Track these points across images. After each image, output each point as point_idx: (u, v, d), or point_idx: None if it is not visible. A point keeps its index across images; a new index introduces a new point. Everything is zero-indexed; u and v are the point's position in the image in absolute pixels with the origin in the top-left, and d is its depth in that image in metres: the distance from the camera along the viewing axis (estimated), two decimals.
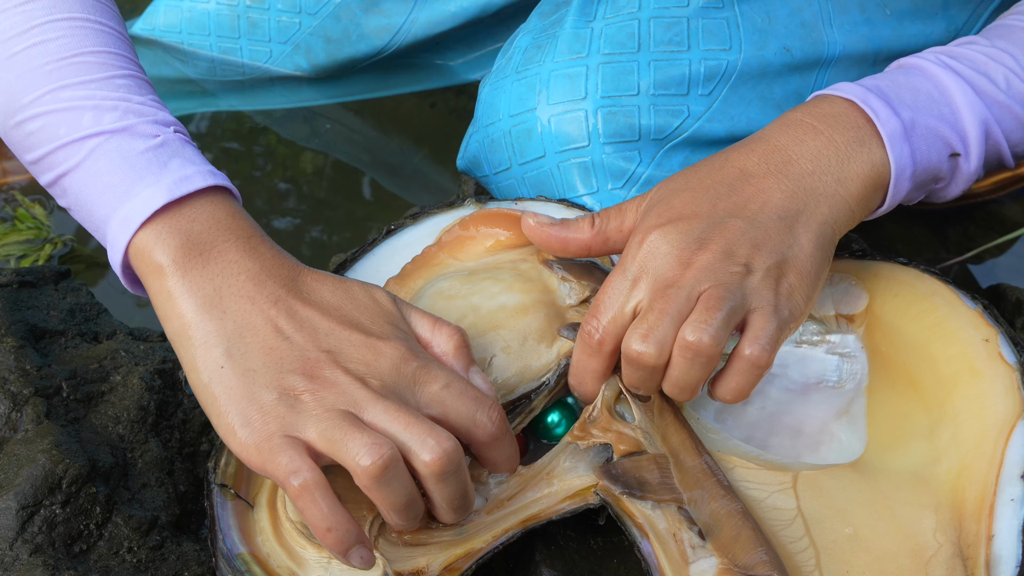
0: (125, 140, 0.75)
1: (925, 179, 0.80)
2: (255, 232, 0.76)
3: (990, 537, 0.74)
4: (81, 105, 0.76)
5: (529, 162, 0.92)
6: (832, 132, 0.78)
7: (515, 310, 0.82)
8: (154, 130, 0.76)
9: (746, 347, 0.73)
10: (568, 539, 0.80)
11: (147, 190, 0.74)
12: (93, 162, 0.75)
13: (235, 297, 0.73)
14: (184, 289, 0.73)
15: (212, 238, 0.74)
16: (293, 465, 0.68)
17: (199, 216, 0.74)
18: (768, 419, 0.84)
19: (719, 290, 0.73)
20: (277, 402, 0.70)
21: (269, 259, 0.75)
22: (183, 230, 0.74)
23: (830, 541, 0.75)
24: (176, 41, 1.21)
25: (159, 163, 0.75)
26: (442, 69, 1.22)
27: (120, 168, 0.75)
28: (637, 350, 0.73)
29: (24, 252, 1.19)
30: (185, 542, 0.82)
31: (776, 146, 0.78)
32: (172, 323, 0.74)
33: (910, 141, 0.78)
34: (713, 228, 0.75)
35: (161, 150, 0.76)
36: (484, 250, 0.88)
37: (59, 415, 0.83)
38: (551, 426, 0.81)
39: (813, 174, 0.77)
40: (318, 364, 0.71)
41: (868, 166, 0.78)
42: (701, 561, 0.73)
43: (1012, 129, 0.81)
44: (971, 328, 0.82)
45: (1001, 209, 1.31)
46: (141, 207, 0.74)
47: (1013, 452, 0.77)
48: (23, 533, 0.77)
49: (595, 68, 0.90)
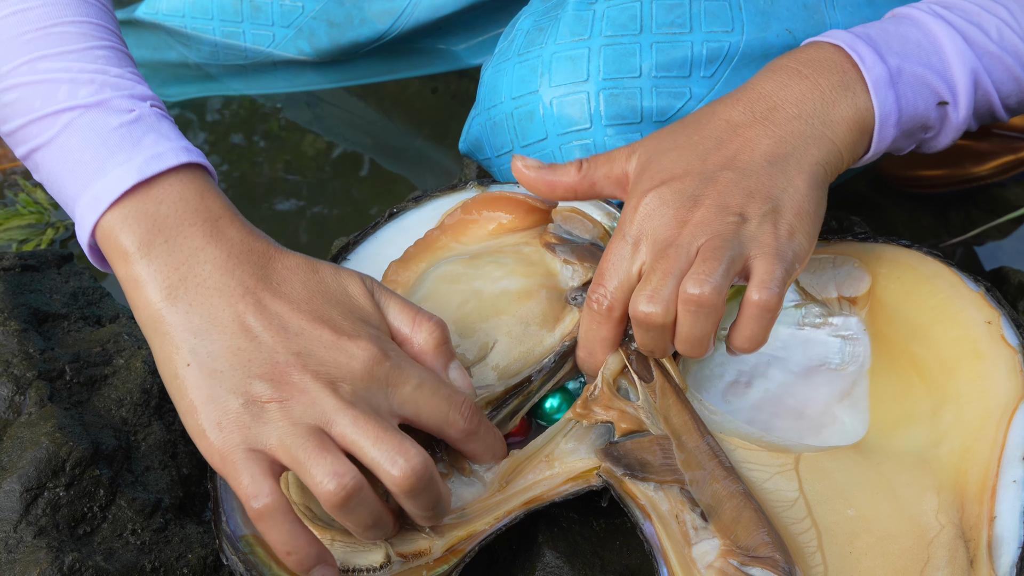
0: (100, 115, 0.73)
1: (912, 127, 0.80)
2: (224, 212, 0.74)
3: (992, 518, 0.74)
4: (57, 77, 0.74)
5: (531, 144, 0.92)
6: (817, 76, 0.78)
7: (518, 294, 0.82)
8: (129, 104, 0.74)
9: (753, 293, 0.73)
10: (571, 521, 0.80)
11: (117, 169, 0.72)
12: (66, 138, 0.73)
13: (201, 288, 0.71)
14: (150, 277, 0.71)
15: (178, 222, 0.72)
16: (254, 488, 0.67)
17: (167, 197, 0.72)
18: (771, 401, 0.84)
19: (716, 241, 0.73)
20: (242, 409, 0.69)
21: (237, 244, 0.73)
22: (149, 213, 0.72)
23: (832, 522, 0.75)
24: (179, 25, 1.21)
25: (132, 140, 0.73)
26: (444, 54, 1.21)
27: (92, 145, 0.73)
28: (644, 311, 0.74)
29: (26, 236, 1.19)
30: (188, 524, 0.82)
31: (760, 94, 0.78)
32: (140, 311, 0.72)
33: (895, 88, 0.78)
34: (705, 183, 0.76)
35: (135, 125, 0.73)
36: (487, 233, 0.88)
37: (62, 398, 0.83)
38: (550, 411, 0.81)
39: (799, 118, 0.77)
40: (287, 369, 0.70)
41: (853, 110, 0.78)
42: (703, 542, 0.73)
43: (1003, 80, 0.81)
44: (973, 310, 0.82)
45: (1004, 192, 1.31)
46: (110, 187, 0.72)
47: (1015, 434, 0.77)
48: (27, 515, 0.77)
49: (597, 50, 0.90)
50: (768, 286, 0.73)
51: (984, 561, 0.72)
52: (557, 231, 0.84)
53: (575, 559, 0.78)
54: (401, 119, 1.37)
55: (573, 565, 0.78)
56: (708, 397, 0.83)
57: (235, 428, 0.68)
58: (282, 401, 0.69)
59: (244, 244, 0.73)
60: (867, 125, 0.78)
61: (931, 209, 1.30)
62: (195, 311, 0.71)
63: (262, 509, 0.68)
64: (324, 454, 0.68)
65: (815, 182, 0.76)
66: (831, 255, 0.87)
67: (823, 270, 0.87)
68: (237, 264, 0.72)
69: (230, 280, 0.71)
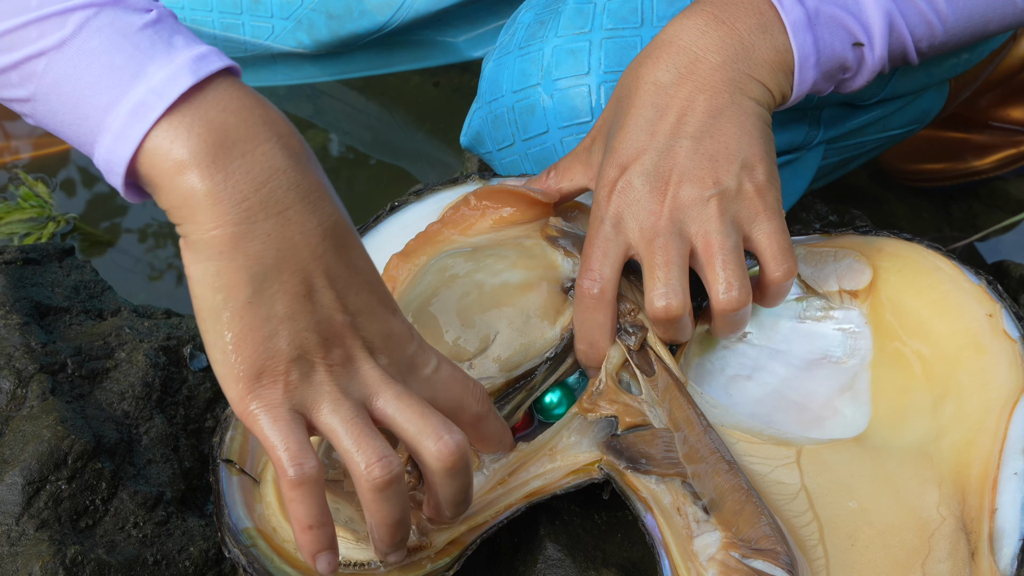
0: (118, 14, 0.64)
1: (831, 68, 0.80)
2: (291, 130, 0.66)
3: (993, 510, 0.74)
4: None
5: (532, 138, 0.92)
6: (734, 20, 0.78)
7: (518, 287, 0.82)
8: (146, 3, 0.65)
9: (774, 270, 0.77)
10: (572, 514, 0.81)
11: (161, 71, 0.63)
12: (84, 40, 0.63)
13: (283, 219, 0.64)
14: (226, 195, 0.63)
15: (253, 134, 0.63)
16: (300, 455, 0.64)
17: (230, 105, 0.63)
18: (772, 395, 0.84)
19: (715, 237, 0.75)
20: (293, 364, 0.65)
21: (315, 176, 0.66)
22: (217, 123, 0.63)
23: (834, 515, 0.75)
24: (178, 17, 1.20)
25: (164, 41, 0.64)
26: (445, 46, 1.21)
27: (121, 47, 0.63)
28: (663, 306, 0.75)
29: (28, 230, 1.19)
30: (190, 517, 0.82)
31: (680, 47, 0.78)
32: (202, 229, 0.63)
33: (813, 30, 0.78)
34: (663, 157, 0.76)
35: (160, 26, 0.65)
36: (488, 226, 0.88)
37: (64, 391, 0.83)
38: (550, 406, 0.82)
39: (724, 66, 0.77)
40: (342, 330, 0.66)
41: (773, 51, 0.78)
42: (705, 535, 0.73)
43: (916, 24, 0.81)
44: (974, 303, 0.82)
45: (1005, 186, 1.31)
46: (161, 90, 0.62)
47: (1016, 427, 0.77)
48: (29, 508, 0.77)
49: (598, 43, 0.90)
50: (784, 259, 0.76)
51: (985, 553, 0.72)
52: (558, 224, 0.84)
53: (577, 552, 0.78)
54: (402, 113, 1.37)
55: (575, 558, 0.78)
56: (709, 391, 0.83)
57: (281, 383, 0.65)
58: (331, 366, 0.66)
59: (321, 178, 0.66)
60: (787, 66, 0.78)
61: (933, 202, 1.30)
62: (271, 243, 0.64)
63: (303, 478, 0.64)
64: (373, 436, 0.66)
65: (761, 121, 0.77)
66: (832, 248, 0.87)
67: (824, 263, 0.87)
68: (319, 199, 0.65)
69: (312, 218, 0.65)
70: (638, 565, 0.79)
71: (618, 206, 0.77)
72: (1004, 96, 1.29)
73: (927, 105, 1.05)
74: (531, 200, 0.87)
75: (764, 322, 0.85)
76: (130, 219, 1.25)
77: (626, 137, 0.78)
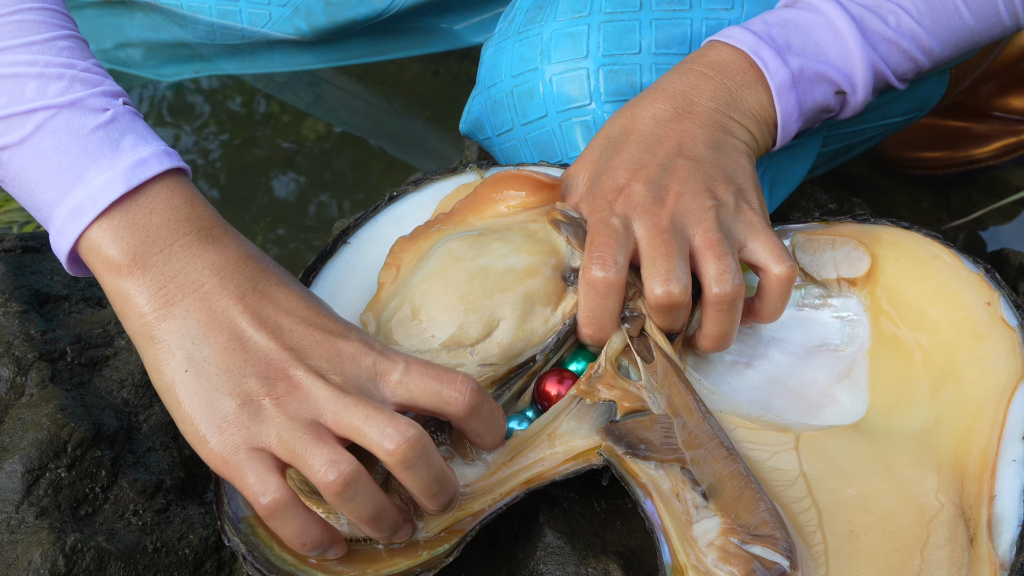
0: (74, 115, 0.71)
1: (813, 115, 0.86)
2: (216, 221, 0.73)
3: (992, 497, 0.74)
4: (24, 72, 0.71)
5: (531, 122, 0.92)
6: (721, 78, 0.83)
7: (523, 272, 0.82)
8: (103, 103, 0.72)
9: (775, 267, 0.78)
10: (572, 502, 0.81)
11: (100, 177, 0.70)
12: (39, 140, 0.71)
13: (198, 294, 0.70)
14: (145, 288, 0.70)
15: (173, 231, 0.71)
16: (260, 486, 0.68)
17: (156, 207, 0.71)
18: (770, 382, 0.84)
19: (713, 235, 0.77)
20: (240, 410, 0.69)
21: (233, 250, 0.72)
22: (141, 224, 0.70)
23: (832, 501, 0.75)
24: (175, 5, 1.20)
25: (111, 143, 0.71)
26: (444, 33, 1.21)
27: (69, 148, 0.70)
28: (664, 291, 0.76)
29: (27, 218, 1.19)
30: (190, 506, 0.82)
31: (675, 92, 0.83)
32: (132, 322, 0.71)
33: (796, 89, 0.83)
34: (666, 173, 0.79)
35: (112, 127, 0.71)
36: (498, 214, 0.88)
37: (63, 379, 0.84)
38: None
39: (717, 110, 0.82)
40: (281, 364, 0.70)
41: (757, 105, 0.83)
42: (704, 521, 0.73)
43: (899, 63, 0.86)
44: (973, 292, 0.82)
45: (1005, 175, 1.31)
46: (96, 197, 0.70)
47: (1015, 414, 0.77)
48: (29, 496, 0.78)
49: (597, 27, 0.91)
50: (784, 258, 0.78)
51: (984, 539, 0.73)
52: (564, 209, 0.85)
53: (576, 539, 0.78)
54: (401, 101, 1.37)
55: (574, 545, 0.78)
56: (708, 378, 0.83)
57: (235, 430, 0.69)
58: (278, 398, 0.69)
59: (240, 251, 0.73)
60: (771, 119, 0.84)
61: (932, 191, 1.30)
62: (192, 316, 0.70)
63: (271, 505, 0.68)
64: (320, 444, 0.68)
65: (751, 160, 0.82)
66: (831, 236, 0.87)
67: (823, 251, 0.87)
68: (235, 269, 0.72)
69: (228, 285, 0.71)
70: (637, 553, 0.79)
71: (624, 207, 0.79)
72: (1005, 85, 1.29)
73: (927, 93, 1.05)
74: (539, 183, 0.86)
75: None
76: None
77: (628, 158, 0.81)
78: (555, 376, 0.80)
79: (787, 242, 0.87)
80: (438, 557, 0.73)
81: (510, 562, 0.79)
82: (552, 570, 0.77)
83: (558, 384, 0.80)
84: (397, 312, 0.81)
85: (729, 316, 0.77)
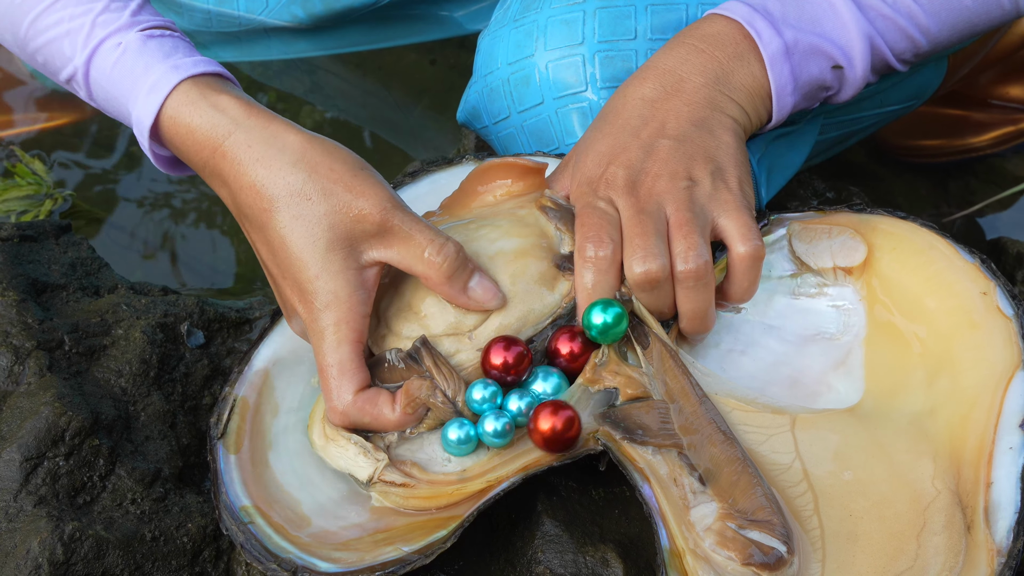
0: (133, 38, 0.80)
1: (810, 90, 0.85)
2: None
3: (989, 484, 0.74)
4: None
5: (528, 109, 0.92)
6: (713, 50, 0.83)
7: (514, 254, 0.82)
8: (152, 21, 0.81)
9: (739, 246, 0.79)
10: (570, 490, 0.81)
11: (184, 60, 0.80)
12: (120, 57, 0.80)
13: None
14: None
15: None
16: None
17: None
18: (766, 370, 0.84)
19: (684, 214, 0.78)
20: None
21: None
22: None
23: (828, 486, 0.75)
24: None
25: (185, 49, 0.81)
26: (442, 20, 1.20)
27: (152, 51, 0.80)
28: (643, 270, 0.77)
29: (25, 207, 1.19)
30: (188, 494, 0.82)
31: (665, 69, 0.83)
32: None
33: (791, 60, 0.83)
34: (647, 155, 0.81)
35: (167, 40, 0.81)
36: (485, 204, 0.88)
37: (61, 368, 0.84)
38: (604, 327, 0.80)
39: (706, 86, 0.83)
40: None
41: (750, 78, 0.83)
42: (702, 506, 0.73)
43: (896, 40, 0.86)
44: (968, 281, 0.83)
45: (1003, 163, 1.31)
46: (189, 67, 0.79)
47: (1011, 402, 0.77)
48: (27, 485, 0.78)
49: (592, 13, 0.90)
50: (750, 237, 0.78)
51: (981, 526, 0.73)
52: (553, 195, 0.84)
53: (574, 527, 0.78)
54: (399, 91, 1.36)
55: (572, 534, 0.78)
56: (704, 362, 0.83)
57: None
58: None
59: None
60: (764, 91, 0.84)
61: (930, 179, 1.30)
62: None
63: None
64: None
65: (738, 137, 0.82)
66: (827, 225, 0.87)
67: (819, 240, 0.87)
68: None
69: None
70: (635, 540, 0.79)
71: (607, 191, 0.80)
72: (1003, 74, 1.28)
73: (925, 81, 1.05)
74: (525, 168, 0.86)
75: (758, 297, 0.85)
76: (127, 197, 1.25)
77: (612, 142, 0.82)
78: (566, 333, 0.80)
79: (783, 231, 0.87)
80: (437, 542, 0.73)
81: (508, 550, 0.79)
82: (550, 558, 0.77)
83: (570, 342, 0.79)
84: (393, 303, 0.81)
85: (697, 292, 0.78)
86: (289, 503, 0.78)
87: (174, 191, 1.26)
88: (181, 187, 1.27)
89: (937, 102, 1.29)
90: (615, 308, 0.78)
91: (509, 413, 0.77)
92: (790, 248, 0.87)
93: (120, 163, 1.27)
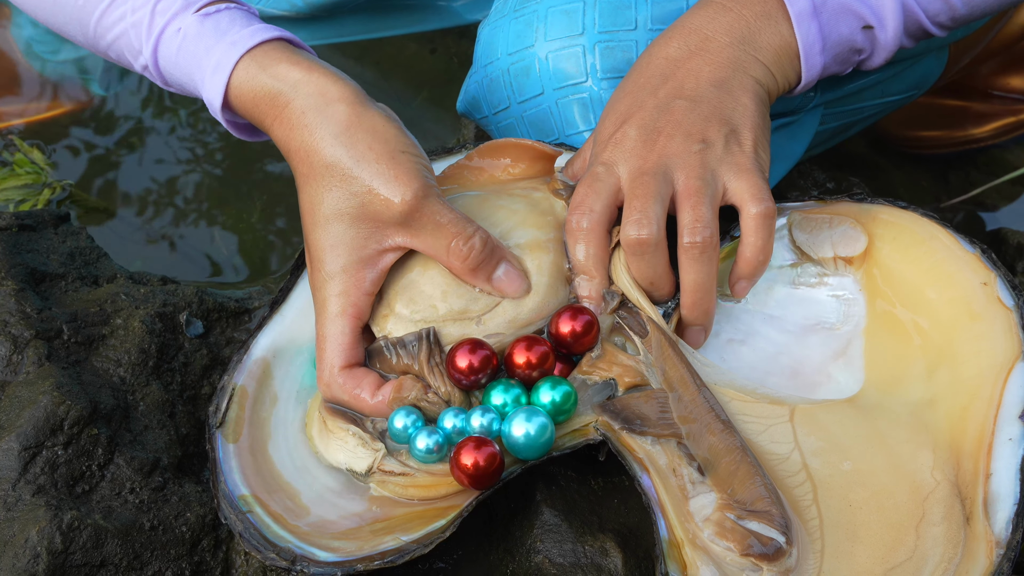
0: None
1: (840, 51, 0.83)
2: None
3: (988, 475, 0.74)
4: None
5: (528, 100, 0.92)
6: (740, 8, 0.83)
7: (530, 245, 0.81)
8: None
9: (751, 207, 0.78)
10: (569, 480, 0.81)
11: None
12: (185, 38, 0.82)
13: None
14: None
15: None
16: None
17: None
18: (766, 360, 0.84)
19: (693, 182, 0.78)
20: None
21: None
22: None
23: (827, 476, 0.75)
24: None
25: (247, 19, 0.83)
26: (441, 9, 1.20)
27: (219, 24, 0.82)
28: (636, 234, 0.77)
29: (23, 197, 1.19)
30: (187, 483, 0.82)
31: (691, 28, 0.83)
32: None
33: (819, 18, 0.82)
34: (662, 113, 0.80)
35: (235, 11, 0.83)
36: (493, 179, 0.88)
37: (60, 357, 0.84)
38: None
39: (731, 45, 0.82)
40: None
41: (778, 37, 0.82)
42: (701, 496, 0.73)
43: (929, 1, 0.84)
44: (969, 271, 0.82)
45: (1004, 154, 1.31)
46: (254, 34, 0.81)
47: (1011, 393, 0.77)
48: (25, 474, 0.78)
49: (592, 3, 0.90)
50: (762, 198, 0.78)
51: (980, 518, 0.73)
52: (564, 179, 0.85)
53: (573, 517, 0.79)
54: (399, 81, 1.36)
55: (571, 523, 0.78)
56: (703, 352, 0.83)
57: None
58: None
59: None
60: (793, 52, 0.83)
61: (931, 170, 1.30)
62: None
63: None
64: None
65: (759, 100, 0.81)
66: (828, 215, 0.87)
67: (820, 230, 0.87)
68: None
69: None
70: (635, 530, 0.79)
71: (612, 153, 0.80)
72: (1004, 64, 1.28)
73: (926, 70, 1.05)
74: (537, 153, 0.86)
75: (758, 287, 0.85)
76: (126, 186, 1.25)
77: (631, 101, 0.82)
78: (523, 343, 0.78)
79: (783, 220, 0.87)
80: (434, 532, 0.73)
81: (507, 540, 0.79)
82: (549, 548, 0.77)
83: (526, 352, 0.78)
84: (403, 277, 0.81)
85: (701, 264, 0.77)
86: (288, 492, 0.78)
87: (173, 181, 1.26)
88: (180, 176, 1.26)
89: (938, 93, 1.29)
90: (564, 387, 0.77)
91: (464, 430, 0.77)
92: (790, 238, 0.86)
93: (119, 153, 1.27)
